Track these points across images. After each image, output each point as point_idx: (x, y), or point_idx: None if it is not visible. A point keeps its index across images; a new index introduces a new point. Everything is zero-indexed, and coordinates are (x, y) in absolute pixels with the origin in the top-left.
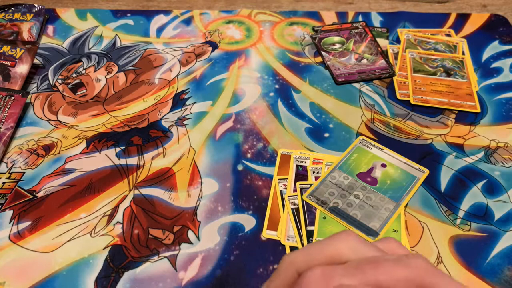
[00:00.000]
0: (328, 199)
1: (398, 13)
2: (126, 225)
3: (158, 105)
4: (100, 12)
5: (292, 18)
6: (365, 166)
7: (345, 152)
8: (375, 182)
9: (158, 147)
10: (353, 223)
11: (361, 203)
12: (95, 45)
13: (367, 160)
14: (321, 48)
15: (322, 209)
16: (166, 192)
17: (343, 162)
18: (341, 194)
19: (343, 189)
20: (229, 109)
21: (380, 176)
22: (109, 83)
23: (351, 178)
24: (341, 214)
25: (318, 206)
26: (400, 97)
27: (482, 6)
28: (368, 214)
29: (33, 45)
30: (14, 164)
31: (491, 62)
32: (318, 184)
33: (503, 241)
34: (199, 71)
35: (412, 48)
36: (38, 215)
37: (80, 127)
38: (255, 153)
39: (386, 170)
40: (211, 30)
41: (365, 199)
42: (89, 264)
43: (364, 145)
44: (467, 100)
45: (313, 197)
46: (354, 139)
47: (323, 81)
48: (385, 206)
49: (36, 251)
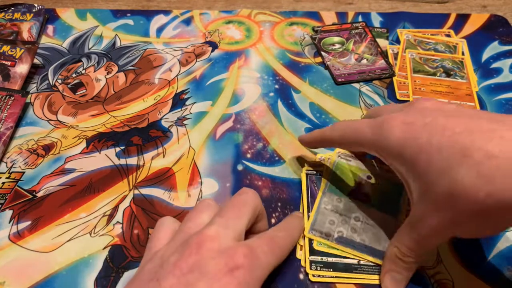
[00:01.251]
0: (331, 229)
1: (398, 14)
2: (126, 225)
3: (158, 105)
4: (100, 12)
5: (292, 18)
6: (352, 182)
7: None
8: (368, 199)
9: (158, 147)
10: (364, 251)
11: (363, 226)
12: (95, 45)
13: (351, 174)
14: (321, 48)
15: (328, 242)
16: (166, 192)
17: (329, 184)
18: (342, 220)
19: (341, 214)
20: (229, 109)
21: (370, 191)
22: (109, 83)
23: (345, 199)
24: (349, 243)
25: (322, 239)
26: (400, 97)
27: (482, 7)
28: (374, 236)
29: (33, 45)
30: (13, 164)
31: (491, 63)
32: (314, 216)
33: (503, 241)
34: (199, 71)
35: (412, 48)
36: (38, 215)
37: (80, 127)
38: (255, 153)
39: (372, 182)
40: (211, 30)
41: (366, 219)
42: (89, 264)
43: (342, 159)
44: (466, 101)
45: (315, 230)
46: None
47: (323, 81)
48: (386, 226)
49: (36, 251)
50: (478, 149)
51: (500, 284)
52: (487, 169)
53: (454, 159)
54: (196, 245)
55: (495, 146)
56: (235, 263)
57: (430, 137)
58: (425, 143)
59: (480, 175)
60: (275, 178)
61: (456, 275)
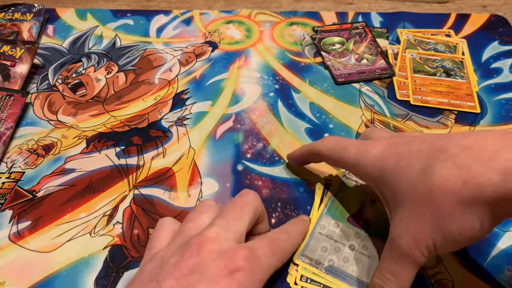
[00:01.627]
0: (322, 256)
1: (398, 14)
2: (126, 225)
3: (158, 105)
4: (100, 12)
5: (292, 18)
6: (354, 206)
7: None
8: (368, 226)
9: (158, 147)
10: (354, 283)
11: (357, 256)
12: (95, 45)
13: (354, 197)
14: (321, 48)
15: (317, 271)
16: (166, 192)
17: (329, 205)
18: (335, 247)
19: (335, 241)
20: (229, 109)
21: (372, 216)
22: (109, 83)
23: (342, 225)
24: (339, 274)
25: (311, 267)
26: (400, 97)
27: (482, 7)
28: (368, 268)
29: (33, 45)
30: (14, 164)
31: (491, 63)
32: (308, 240)
33: (503, 241)
34: (199, 71)
35: (412, 48)
36: (38, 215)
37: (80, 127)
38: (255, 153)
39: (377, 207)
40: (211, 30)
41: (361, 249)
42: (88, 264)
43: (347, 178)
44: (466, 101)
45: (305, 257)
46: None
47: (323, 81)
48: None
49: (36, 251)
50: (455, 145)
51: (500, 284)
52: (463, 159)
53: (432, 157)
54: (196, 246)
55: (470, 141)
56: (235, 266)
57: (410, 146)
58: (405, 151)
59: (456, 165)
60: (275, 178)
61: (456, 275)
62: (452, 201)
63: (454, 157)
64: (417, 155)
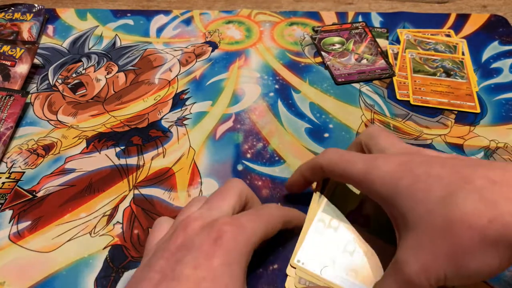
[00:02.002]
0: (319, 258)
1: (398, 14)
2: (126, 225)
3: (158, 105)
4: (100, 12)
5: (292, 18)
6: (354, 201)
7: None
8: (368, 223)
9: (158, 147)
10: (351, 286)
11: (356, 257)
12: (95, 45)
13: (353, 193)
14: (321, 48)
15: (314, 273)
16: (166, 192)
17: (328, 202)
18: (333, 248)
19: (333, 241)
20: (229, 109)
21: (373, 212)
22: (109, 83)
23: (340, 223)
24: (336, 276)
25: (308, 270)
26: (400, 97)
27: (482, 7)
28: (366, 270)
29: (33, 45)
30: (13, 164)
31: (491, 63)
32: (304, 242)
33: None
34: (199, 71)
35: (412, 48)
36: (38, 215)
37: (80, 127)
38: (255, 153)
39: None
40: (211, 30)
41: (360, 248)
42: (88, 264)
43: None
44: (466, 101)
45: (303, 259)
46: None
47: (323, 81)
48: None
49: (36, 251)
50: (481, 177)
51: (500, 284)
52: (490, 193)
53: (455, 185)
54: (182, 227)
55: (497, 174)
56: (217, 233)
57: (429, 169)
58: (423, 173)
59: (482, 200)
60: (275, 178)
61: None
62: (474, 237)
63: (480, 190)
64: (437, 180)
